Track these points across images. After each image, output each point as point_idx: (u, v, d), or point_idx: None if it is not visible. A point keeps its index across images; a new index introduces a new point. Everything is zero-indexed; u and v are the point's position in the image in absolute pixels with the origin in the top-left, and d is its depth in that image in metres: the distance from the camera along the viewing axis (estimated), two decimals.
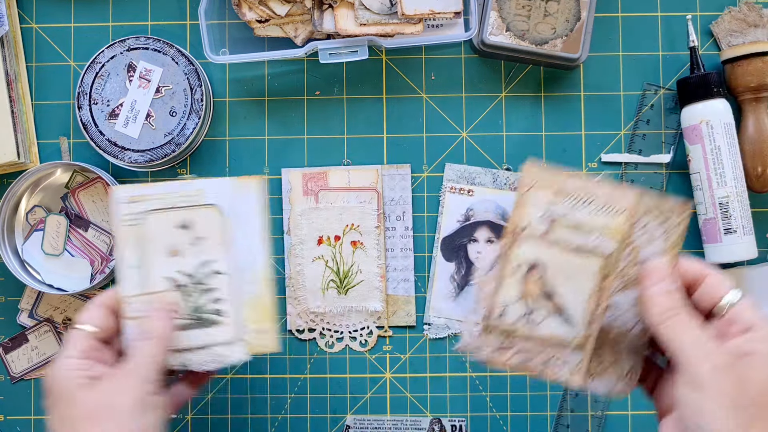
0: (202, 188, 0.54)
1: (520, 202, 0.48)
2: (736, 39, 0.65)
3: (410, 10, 0.61)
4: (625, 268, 0.47)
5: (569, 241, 0.47)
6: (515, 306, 0.48)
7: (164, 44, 0.64)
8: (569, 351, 0.48)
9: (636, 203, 0.47)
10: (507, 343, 0.48)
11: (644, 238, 0.47)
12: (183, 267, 0.54)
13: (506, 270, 0.48)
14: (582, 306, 0.47)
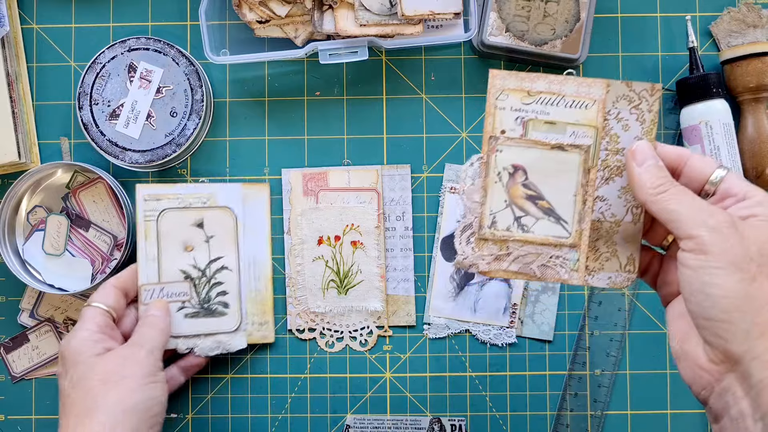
0: (215, 191, 0.63)
1: (492, 110, 0.48)
2: (736, 39, 0.65)
3: (410, 11, 0.61)
4: (607, 158, 0.47)
5: (546, 140, 0.47)
6: (504, 213, 0.48)
7: (165, 45, 0.64)
8: (565, 250, 0.48)
9: (605, 93, 0.47)
10: (503, 252, 0.48)
11: (619, 126, 0.47)
12: (195, 261, 0.62)
13: (489, 178, 0.48)
14: (570, 203, 0.48)
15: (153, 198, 0.62)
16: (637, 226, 0.48)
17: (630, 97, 0.47)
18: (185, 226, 0.62)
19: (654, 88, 0.47)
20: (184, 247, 0.62)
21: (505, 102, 0.48)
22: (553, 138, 0.47)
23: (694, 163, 0.45)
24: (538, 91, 0.47)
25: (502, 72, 0.48)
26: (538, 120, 0.47)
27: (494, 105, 0.48)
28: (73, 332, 0.56)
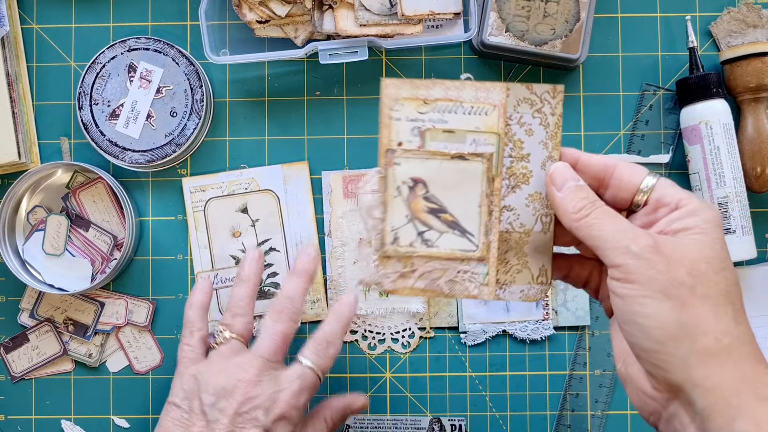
0: (255, 176, 0.65)
1: (387, 121, 0.45)
2: (736, 39, 0.65)
3: (410, 11, 0.61)
4: (512, 165, 0.45)
5: (446, 150, 0.45)
6: (406, 228, 0.45)
7: (165, 45, 0.64)
8: (473, 264, 0.45)
9: (505, 97, 0.45)
10: (407, 269, 0.46)
11: (523, 131, 0.45)
12: (244, 246, 0.65)
13: (389, 193, 0.45)
14: (475, 215, 0.45)
15: (198, 189, 0.65)
16: (547, 235, 0.46)
17: (531, 101, 0.45)
18: (231, 212, 0.65)
19: (556, 89, 0.45)
20: (232, 233, 0.65)
21: (400, 112, 0.45)
22: (452, 147, 0.45)
23: (621, 172, 0.42)
24: (435, 99, 0.45)
25: (395, 80, 0.45)
26: (436, 129, 0.45)
27: (389, 116, 0.45)
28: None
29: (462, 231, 0.45)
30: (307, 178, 0.66)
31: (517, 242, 0.46)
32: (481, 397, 0.66)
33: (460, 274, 0.45)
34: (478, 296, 0.45)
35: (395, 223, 0.45)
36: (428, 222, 0.45)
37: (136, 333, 0.66)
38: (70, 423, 0.66)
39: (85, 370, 0.67)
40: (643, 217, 0.42)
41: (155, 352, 0.66)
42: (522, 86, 0.45)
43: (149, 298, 0.67)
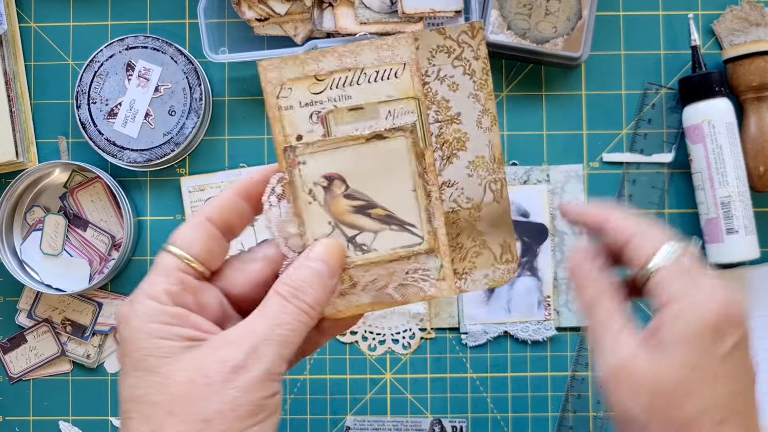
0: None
1: (276, 113, 0.37)
2: (738, 38, 0.64)
3: (410, 9, 0.61)
4: (442, 132, 0.37)
5: (358, 132, 0.37)
6: (333, 237, 0.37)
7: (163, 43, 0.63)
8: (423, 259, 0.38)
9: (415, 50, 0.36)
10: (346, 284, 0.38)
11: (445, 87, 0.37)
12: (243, 246, 0.62)
13: (300, 200, 0.37)
14: (411, 201, 0.37)
15: (197, 189, 0.64)
16: (501, 204, 0.38)
17: (448, 47, 0.37)
18: None
19: (474, 27, 0.37)
20: None
21: (290, 98, 0.36)
22: (365, 127, 0.37)
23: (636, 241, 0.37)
24: (329, 72, 0.36)
25: (274, 60, 0.36)
26: (340, 110, 0.37)
27: (277, 106, 0.36)
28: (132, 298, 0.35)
29: (400, 224, 0.38)
30: None
31: (467, 221, 0.38)
32: (482, 399, 0.65)
33: (410, 274, 0.38)
34: (436, 295, 0.38)
35: (317, 234, 0.37)
36: (357, 223, 0.37)
37: None
38: (69, 424, 0.66)
39: (83, 371, 0.66)
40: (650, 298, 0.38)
41: None
42: (433, 32, 0.37)
43: None
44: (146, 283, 0.35)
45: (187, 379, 0.32)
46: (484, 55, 0.37)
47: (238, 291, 0.37)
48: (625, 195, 0.66)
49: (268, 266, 0.37)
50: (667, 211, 0.66)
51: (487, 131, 0.38)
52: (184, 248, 0.35)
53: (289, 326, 0.34)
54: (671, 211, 0.66)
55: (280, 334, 0.33)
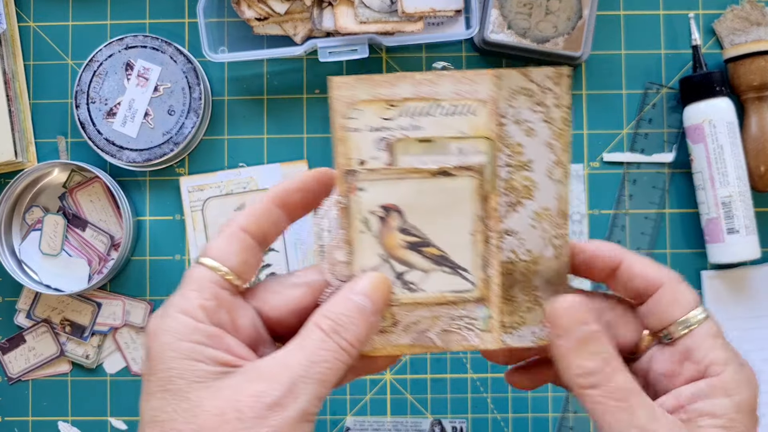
0: (254, 175, 0.64)
1: (342, 134, 0.35)
2: (739, 37, 0.64)
3: (411, 8, 0.61)
4: (511, 177, 0.36)
5: (424, 166, 0.35)
6: (381, 271, 0.36)
7: (162, 42, 0.63)
8: (471, 307, 0.36)
9: (495, 89, 0.35)
10: (388, 322, 0.36)
11: (521, 132, 0.36)
12: None
13: (353, 228, 0.36)
14: (467, 245, 0.36)
15: (196, 189, 0.64)
16: (560, 260, 0.36)
17: (529, 91, 0.35)
18: (229, 212, 0.64)
19: (560, 73, 0.35)
20: None
21: (358, 120, 0.35)
22: (432, 161, 0.35)
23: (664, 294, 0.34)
24: (403, 99, 0.35)
25: (347, 79, 0.35)
26: (409, 139, 0.35)
27: (344, 127, 0.35)
28: (163, 312, 0.32)
29: (453, 267, 0.36)
30: None
31: (523, 273, 0.37)
32: (483, 399, 0.65)
33: (456, 321, 0.36)
34: (479, 346, 0.37)
35: (365, 266, 0.36)
36: (408, 260, 0.36)
37: (134, 334, 0.66)
38: (68, 425, 0.66)
39: (83, 371, 0.66)
40: (666, 361, 0.34)
41: None
42: (516, 72, 0.35)
43: (147, 298, 0.66)
44: (178, 296, 0.32)
45: (218, 411, 0.30)
46: (567, 104, 0.35)
47: (274, 314, 0.36)
48: (626, 195, 0.65)
49: (310, 293, 0.36)
50: (667, 211, 0.66)
51: (557, 183, 0.36)
52: (219, 260, 0.33)
53: (328, 364, 0.32)
54: (672, 211, 0.66)
55: (318, 372, 0.31)
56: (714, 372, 0.32)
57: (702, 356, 0.33)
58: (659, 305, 0.34)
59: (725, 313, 0.64)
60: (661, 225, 0.65)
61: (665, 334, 0.34)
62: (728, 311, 0.64)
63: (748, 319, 0.64)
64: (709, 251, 0.63)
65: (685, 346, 0.33)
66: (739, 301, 0.64)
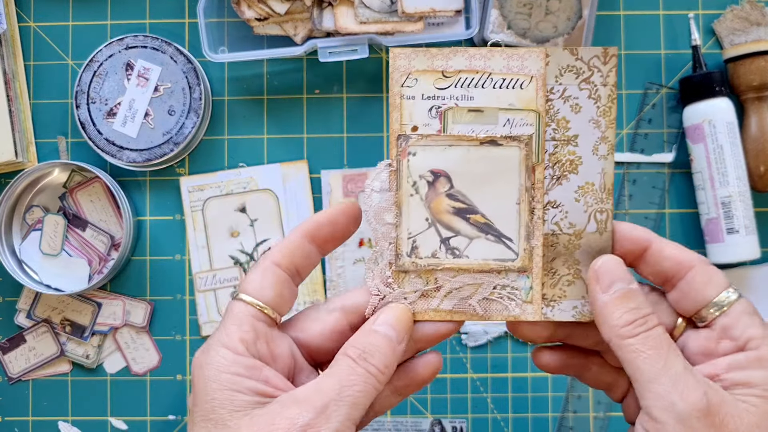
0: (254, 175, 0.64)
1: (397, 101, 0.37)
2: (739, 38, 0.64)
3: (411, 8, 0.61)
4: (556, 151, 0.37)
5: (473, 134, 0.37)
6: (427, 235, 0.37)
7: (163, 43, 0.63)
8: (513, 276, 0.37)
9: (544, 66, 0.37)
10: (430, 286, 0.37)
11: (567, 107, 0.37)
12: (242, 246, 0.64)
13: (403, 191, 0.37)
14: (513, 214, 0.37)
15: (196, 189, 0.64)
16: (603, 236, 0.37)
17: (578, 68, 0.37)
18: (229, 212, 0.64)
19: (607, 52, 0.37)
20: (231, 233, 0.64)
21: (413, 88, 0.37)
22: (481, 130, 0.37)
23: (695, 276, 0.35)
24: (457, 71, 0.37)
25: (406, 50, 0.37)
26: (460, 108, 0.37)
27: (400, 94, 0.37)
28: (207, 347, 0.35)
29: (497, 235, 0.37)
30: (307, 178, 0.65)
31: (566, 246, 0.37)
32: (483, 399, 0.65)
33: (498, 289, 0.37)
34: (520, 317, 0.37)
35: (413, 229, 0.37)
36: (454, 226, 0.37)
37: (134, 334, 0.66)
38: (68, 424, 0.66)
39: (83, 371, 0.66)
40: (702, 341, 0.35)
41: (153, 353, 0.66)
42: (565, 51, 0.37)
43: (147, 298, 0.66)
44: (220, 331, 0.35)
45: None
46: (613, 82, 0.37)
47: (313, 342, 0.37)
48: (626, 195, 0.65)
49: (345, 317, 0.37)
50: (667, 211, 0.66)
51: (602, 159, 0.37)
52: (255, 295, 0.36)
53: (358, 387, 0.33)
54: (671, 211, 0.66)
55: (349, 395, 0.33)
56: (752, 346, 0.33)
57: (740, 333, 0.34)
58: (692, 287, 0.35)
59: None
60: (660, 225, 0.65)
61: (700, 318, 0.35)
62: None
63: None
64: (709, 251, 0.63)
65: (721, 325, 0.34)
66: None
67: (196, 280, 0.65)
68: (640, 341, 0.33)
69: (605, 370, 0.40)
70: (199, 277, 0.65)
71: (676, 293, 0.36)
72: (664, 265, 0.36)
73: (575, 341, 0.40)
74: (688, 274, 0.35)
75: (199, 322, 0.65)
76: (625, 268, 0.35)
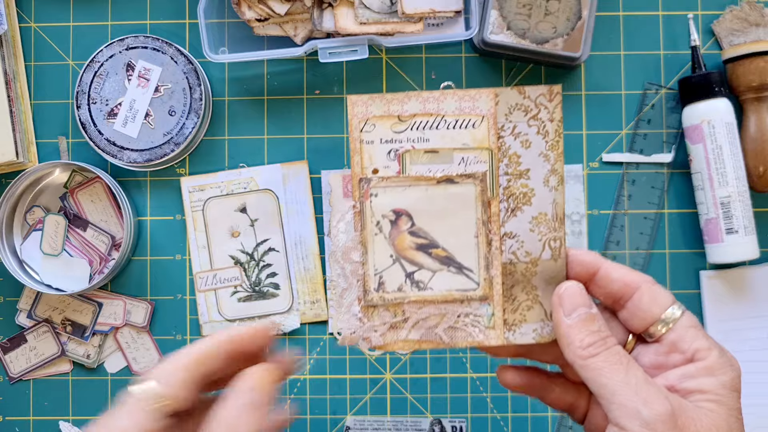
0: (254, 175, 0.65)
1: (357, 145, 0.39)
2: (738, 38, 0.64)
3: (410, 9, 0.61)
4: (509, 185, 0.39)
5: (430, 174, 0.39)
6: (392, 270, 0.39)
7: (163, 43, 0.63)
8: (475, 305, 0.39)
9: (494, 105, 0.39)
10: (398, 318, 0.40)
11: (518, 143, 0.39)
12: (243, 246, 0.64)
13: (367, 230, 0.39)
14: (471, 247, 0.39)
15: (197, 189, 0.65)
16: (558, 263, 0.39)
17: (525, 107, 0.39)
18: (230, 212, 0.65)
19: (552, 91, 0.39)
20: (231, 233, 0.65)
21: (372, 133, 0.39)
22: (438, 170, 0.39)
23: (641, 296, 0.37)
24: (411, 114, 0.39)
25: (362, 97, 0.39)
26: (417, 150, 0.39)
27: (359, 139, 0.39)
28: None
29: (458, 267, 0.39)
30: (307, 178, 0.66)
31: (523, 274, 0.40)
32: (482, 399, 0.65)
33: (461, 318, 0.40)
34: (483, 342, 0.39)
35: (379, 265, 0.39)
36: (417, 260, 0.39)
37: (135, 334, 0.66)
38: (69, 424, 0.66)
39: (84, 371, 0.66)
40: (652, 355, 0.38)
41: (153, 353, 0.66)
42: (512, 90, 0.39)
43: (147, 298, 0.66)
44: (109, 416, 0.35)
45: None
46: (559, 118, 0.39)
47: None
48: (625, 195, 0.66)
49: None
50: (666, 211, 0.66)
51: (553, 190, 0.40)
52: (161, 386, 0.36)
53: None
54: (671, 211, 0.66)
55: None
56: (700, 357, 0.36)
57: (687, 346, 0.36)
58: (639, 307, 0.38)
59: (724, 313, 0.64)
60: (660, 225, 0.66)
61: (648, 334, 0.38)
62: (727, 311, 0.64)
63: (747, 319, 0.64)
64: (708, 251, 0.63)
65: (669, 340, 0.37)
66: (738, 301, 0.64)
67: (197, 280, 0.65)
68: (601, 359, 0.36)
69: (567, 390, 0.42)
70: (199, 277, 0.65)
71: (625, 312, 0.38)
72: (613, 287, 0.38)
73: (535, 357, 0.42)
74: (635, 295, 0.38)
75: (200, 321, 0.66)
76: (586, 293, 0.38)
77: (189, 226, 0.65)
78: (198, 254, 0.65)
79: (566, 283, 0.38)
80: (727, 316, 0.64)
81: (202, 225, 0.65)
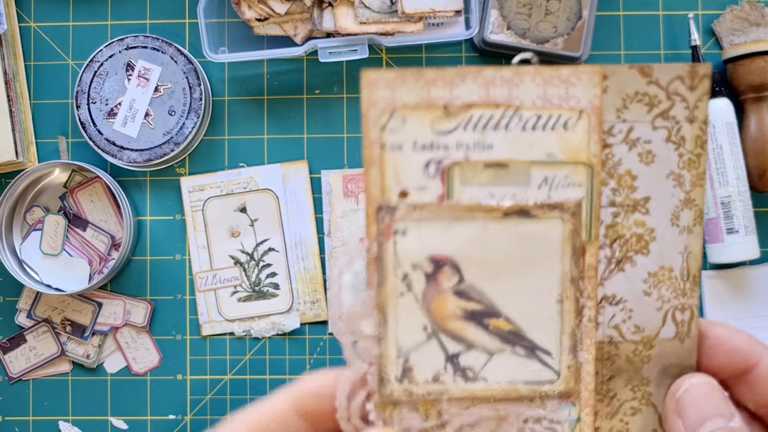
0: (254, 175, 0.65)
1: (376, 152, 0.24)
2: (738, 38, 0.64)
3: (410, 9, 0.61)
4: (617, 222, 0.25)
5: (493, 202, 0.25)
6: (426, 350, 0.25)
7: (163, 43, 0.63)
8: (553, 404, 0.26)
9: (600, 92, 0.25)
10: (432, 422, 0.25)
11: (634, 156, 0.25)
12: (243, 246, 0.64)
13: (387, 288, 0.25)
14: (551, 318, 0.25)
15: (197, 189, 0.65)
16: (686, 344, 0.26)
17: (651, 97, 0.25)
18: (229, 212, 0.65)
19: (696, 73, 0.25)
20: (231, 233, 0.65)
21: (400, 133, 0.24)
22: (506, 195, 0.25)
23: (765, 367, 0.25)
24: (467, 105, 0.24)
25: (387, 74, 0.24)
26: (473, 163, 0.24)
27: (380, 142, 0.24)
28: None
29: (529, 347, 0.25)
30: (307, 178, 0.66)
31: (630, 360, 0.26)
32: None
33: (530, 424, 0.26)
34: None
35: (404, 343, 0.25)
36: (466, 336, 0.25)
37: (134, 334, 0.66)
38: (68, 424, 0.66)
39: (83, 371, 0.66)
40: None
41: (153, 353, 0.66)
42: (631, 70, 0.25)
43: (147, 298, 0.66)
44: None
45: None
46: (703, 118, 0.25)
47: None
48: None
49: None
50: None
51: (684, 232, 0.26)
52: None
53: None
54: None
55: None
56: None
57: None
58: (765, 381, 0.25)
59: (725, 313, 0.64)
60: None
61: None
62: (728, 311, 0.64)
63: (748, 319, 0.64)
64: (709, 251, 0.63)
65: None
66: (738, 301, 0.64)
67: (197, 280, 0.65)
68: None
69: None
70: (199, 277, 0.65)
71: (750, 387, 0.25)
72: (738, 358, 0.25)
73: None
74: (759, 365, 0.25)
75: (200, 321, 0.66)
76: (723, 395, 0.25)
77: (189, 225, 0.65)
78: (198, 254, 0.65)
79: (690, 377, 0.25)
80: (728, 316, 0.64)
81: (201, 225, 0.65)
